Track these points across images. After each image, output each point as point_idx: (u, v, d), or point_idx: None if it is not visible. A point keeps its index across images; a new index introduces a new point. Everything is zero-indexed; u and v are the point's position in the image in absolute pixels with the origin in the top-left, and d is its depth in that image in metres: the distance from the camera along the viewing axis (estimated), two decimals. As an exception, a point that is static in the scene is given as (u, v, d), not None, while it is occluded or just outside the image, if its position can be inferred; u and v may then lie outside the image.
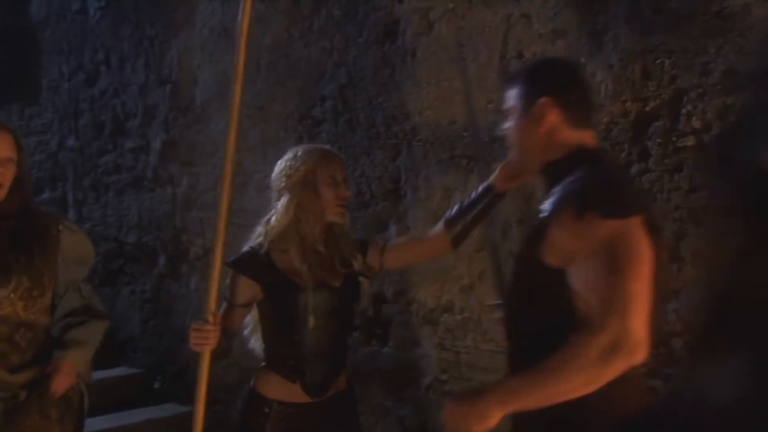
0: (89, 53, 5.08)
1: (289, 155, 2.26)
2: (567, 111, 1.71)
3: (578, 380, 1.49)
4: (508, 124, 1.82)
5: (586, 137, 1.73)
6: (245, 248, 2.25)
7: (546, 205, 1.64)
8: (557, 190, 1.64)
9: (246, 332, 2.33)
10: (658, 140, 2.56)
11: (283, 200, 2.20)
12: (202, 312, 2.08)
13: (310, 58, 3.74)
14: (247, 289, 2.21)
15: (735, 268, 0.98)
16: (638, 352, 1.49)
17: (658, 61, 2.55)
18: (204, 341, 2.05)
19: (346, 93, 3.59)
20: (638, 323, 1.48)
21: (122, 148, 4.92)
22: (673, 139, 2.53)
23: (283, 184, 2.21)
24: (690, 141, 2.50)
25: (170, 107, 4.54)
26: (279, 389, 2.21)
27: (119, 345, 5.05)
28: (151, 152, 4.70)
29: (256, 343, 2.32)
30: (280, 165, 2.25)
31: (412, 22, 3.31)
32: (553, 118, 1.70)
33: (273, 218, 2.22)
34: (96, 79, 5.06)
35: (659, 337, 2.54)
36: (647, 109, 2.58)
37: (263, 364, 2.28)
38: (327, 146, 2.46)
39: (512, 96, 1.80)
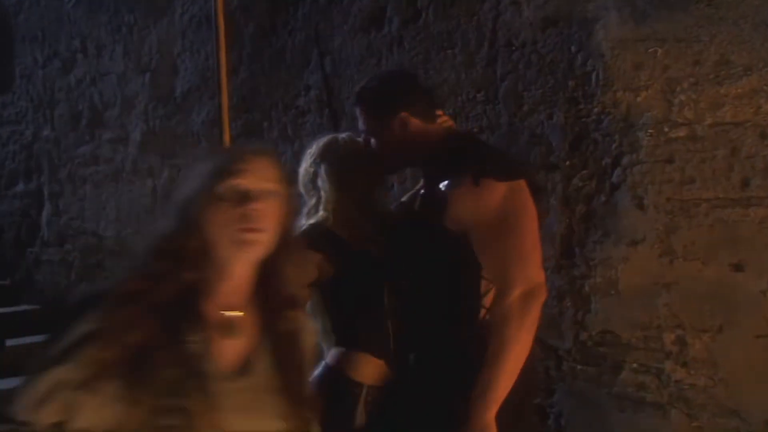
0: (65, 40, 5.05)
1: (306, 154, 2.26)
2: (422, 115, 2.07)
3: (524, 338, 1.82)
4: (372, 142, 2.10)
5: (440, 125, 2.13)
6: (301, 226, 2.17)
7: (444, 183, 1.94)
8: (446, 168, 1.96)
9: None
10: (649, 131, 2.57)
11: (322, 174, 2.17)
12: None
13: (294, 46, 3.74)
14: (313, 267, 2.13)
15: None
16: (543, 293, 1.87)
17: (650, 50, 2.56)
18: None
19: (331, 83, 3.59)
20: (536, 270, 1.87)
21: (100, 139, 4.89)
22: (665, 129, 2.54)
23: (314, 169, 2.19)
24: (682, 132, 2.51)
25: (150, 97, 4.52)
26: (367, 369, 2.15)
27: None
28: (131, 143, 4.67)
29: (326, 339, 2.24)
30: (304, 163, 2.24)
31: (398, 9, 3.31)
32: (414, 125, 2.05)
33: (322, 190, 2.17)
34: (72, 67, 5.02)
35: (651, 332, 2.58)
36: (639, 99, 2.59)
37: (338, 347, 2.19)
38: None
39: (366, 118, 2.11)
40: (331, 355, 2.21)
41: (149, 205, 4.57)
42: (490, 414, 1.80)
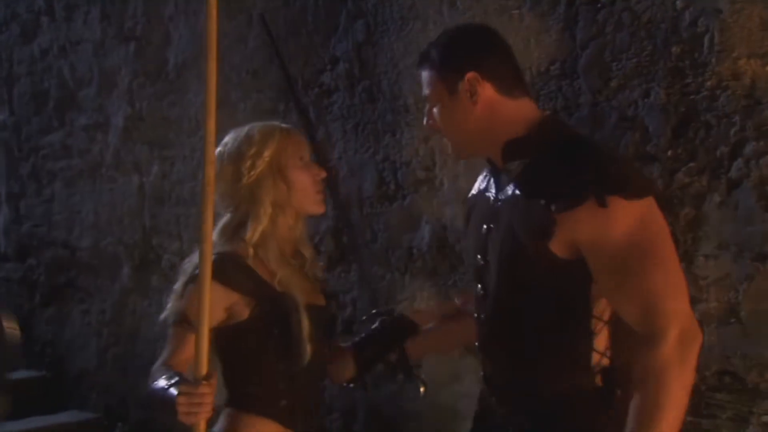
0: None
1: (239, 138, 2.25)
2: (499, 81, 2.01)
3: (684, 393, 1.79)
4: (435, 114, 2.09)
5: (529, 105, 2.06)
6: (215, 254, 2.18)
7: (547, 199, 1.89)
8: (545, 174, 1.93)
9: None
10: (781, 110, 2.54)
11: (255, 199, 2.20)
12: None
13: (317, 7, 3.74)
14: (223, 307, 2.17)
15: None
16: (701, 332, 1.84)
17: (784, 4, 2.53)
18: (197, 408, 1.97)
19: (364, 53, 3.58)
20: (687, 303, 1.85)
21: (72, 126, 4.93)
22: (804, 108, 2.51)
23: (245, 180, 2.20)
24: (828, 111, 2.49)
25: (135, 72, 4.55)
26: None
27: (69, 381, 5.06)
28: (111, 131, 4.71)
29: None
30: (232, 154, 2.23)
31: (451, -43, 3.30)
32: (487, 92, 2.00)
33: (248, 223, 2.21)
34: (35, 34, 5.08)
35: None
36: (768, 68, 2.57)
37: (233, 408, 2.25)
38: (277, 122, 2.44)
39: (429, 81, 2.08)
40: (219, 421, 2.26)
41: (135, 208, 4.59)
42: None
